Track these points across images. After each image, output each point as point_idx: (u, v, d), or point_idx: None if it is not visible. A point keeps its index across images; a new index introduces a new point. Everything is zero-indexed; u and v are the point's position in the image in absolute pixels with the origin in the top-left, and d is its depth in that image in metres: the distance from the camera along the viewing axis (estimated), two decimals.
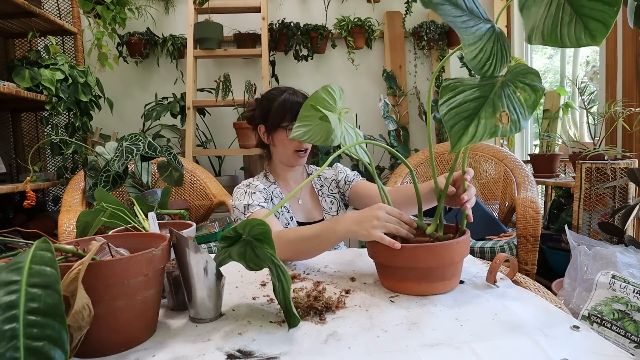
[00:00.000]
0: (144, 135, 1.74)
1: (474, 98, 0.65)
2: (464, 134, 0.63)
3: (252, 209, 1.13)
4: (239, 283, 0.87)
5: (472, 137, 0.63)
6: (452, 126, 0.64)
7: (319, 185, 1.34)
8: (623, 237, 1.55)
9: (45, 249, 0.49)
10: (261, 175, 1.31)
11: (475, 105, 0.65)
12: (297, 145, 1.21)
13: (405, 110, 3.03)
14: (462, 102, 0.65)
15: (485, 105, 0.64)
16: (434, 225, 0.82)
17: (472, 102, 0.65)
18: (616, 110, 1.80)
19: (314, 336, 0.62)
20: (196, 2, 2.64)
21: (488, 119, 0.63)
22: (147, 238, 0.73)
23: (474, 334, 0.60)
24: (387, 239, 0.76)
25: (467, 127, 0.63)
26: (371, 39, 2.98)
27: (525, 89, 0.65)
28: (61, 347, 0.43)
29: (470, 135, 0.63)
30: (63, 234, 1.56)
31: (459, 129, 0.64)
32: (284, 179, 1.30)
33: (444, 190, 0.82)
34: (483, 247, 1.73)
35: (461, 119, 0.64)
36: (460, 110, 0.65)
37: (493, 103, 0.64)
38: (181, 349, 0.59)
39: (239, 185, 1.23)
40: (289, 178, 1.30)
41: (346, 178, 1.34)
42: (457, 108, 0.65)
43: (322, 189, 1.33)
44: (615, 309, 1.26)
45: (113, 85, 2.93)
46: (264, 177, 1.30)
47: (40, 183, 2.01)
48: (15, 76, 1.89)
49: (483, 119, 0.63)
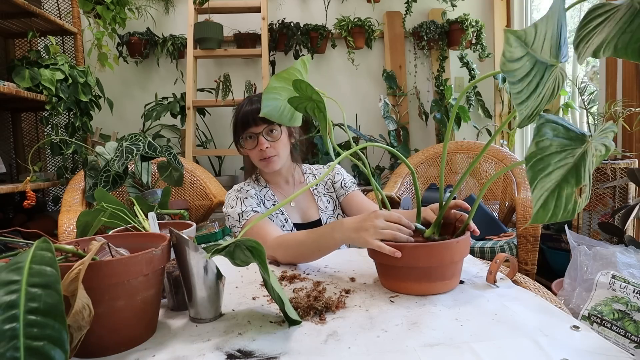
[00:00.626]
0: (144, 135, 1.74)
1: (560, 166, 0.53)
2: (542, 209, 0.54)
3: (247, 215, 1.13)
4: (239, 283, 0.87)
5: (551, 214, 0.53)
6: (537, 198, 0.54)
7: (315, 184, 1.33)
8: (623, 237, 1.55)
9: (46, 249, 0.49)
10: (252, 179, 1.29)
11: (560, 173, 0.53)
12: (258, 154, 1.18)
13: (405, 110, 3.03)
14: (551, 169, 0.53)
15: (568, 174, 0.53)
16: (432, 228, 0.82)
17: (559, 169, 0.53)
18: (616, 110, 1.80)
19: (314, 336, 0.62)
20: (196, 2, 2.64)
21: (568, 194, 0.53)
22: (147, 238, 0.73)
23: (474, 334, 0.60)
24: (387, 248, 0.75)
25: (546, 202, 0.53)
26: (371, 39, 2.98)
27: (601, 150, 0.55)
28: (61, 347, 0.43)
29: (549, 211, 0.53)
30: (63, 234, 1.56)
31: (538, 203, 0.54)
32: (273, 182, 1.29)
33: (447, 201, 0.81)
34: (483, 247, 1.73)
35: (544, 190, 0.54)
36: (547, 180, 0.53)
37: (576, 172, 0.53)
38: (181, 349, 0.59)
39: (230, 191, 1.23)
40: (278, 180, 1.29)
41: (342, 182, 1.33)
42: (545, 177, 0.54)
43: (317, 187, 1.32)
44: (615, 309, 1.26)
45: (113, 85, 2.93)
46: (255, 181, 1.28)
47: (40, 183, 2.01)
48: (15, 76, 1.89)
49: (564, 191, 0.53)
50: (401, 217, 0.81)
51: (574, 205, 0.53)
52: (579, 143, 0.55)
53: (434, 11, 3.03)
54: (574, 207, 0.53)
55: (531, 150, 0.54)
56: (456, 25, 2.87)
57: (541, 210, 0.54)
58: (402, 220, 0.81)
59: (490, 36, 3.06)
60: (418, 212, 0.85)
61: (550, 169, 0.53)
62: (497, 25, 3.05)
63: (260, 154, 1.18)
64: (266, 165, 1.20)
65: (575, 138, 0.55)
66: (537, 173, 0.53)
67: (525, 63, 0.50)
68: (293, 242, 0.98)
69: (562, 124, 0.55)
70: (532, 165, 0.53)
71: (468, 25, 2.83)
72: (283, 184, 1.29)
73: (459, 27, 2.85)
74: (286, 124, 0.85)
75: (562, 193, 0.54)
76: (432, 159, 2.24)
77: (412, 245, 0.75)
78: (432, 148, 2.29)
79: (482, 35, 2.91)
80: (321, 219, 1.27)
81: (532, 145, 0.54)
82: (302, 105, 0.80)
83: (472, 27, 2.85)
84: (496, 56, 3.03)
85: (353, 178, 1.37)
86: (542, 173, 0.53)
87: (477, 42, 2.91)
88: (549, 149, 0.54)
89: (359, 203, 1.30)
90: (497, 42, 3.05)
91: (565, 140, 0.54)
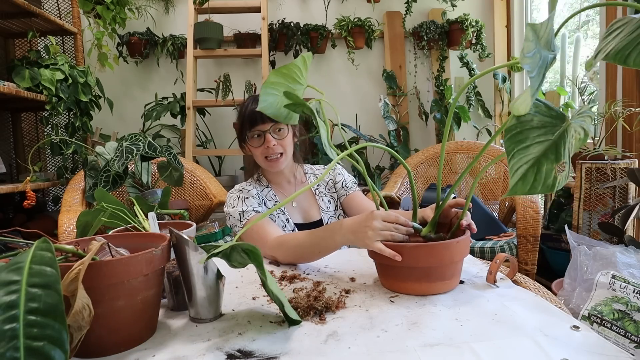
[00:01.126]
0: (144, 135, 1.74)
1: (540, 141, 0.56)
2: (522, 181, 0.56)
3: (248, 215, 1.13)
4: (239, 283, 0.88)
5: (530, 186, 0.55)
6: (515, 170, 0.56)
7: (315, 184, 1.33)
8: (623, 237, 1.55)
9: (46, 249, 0.49)
10: (254, 178, 1.29)
11: (539, 149, 0.56)
12: (264, 152, 1.18)
13: (405, 110, 3.03)
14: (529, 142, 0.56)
15: (548, 150, 0.55)
16: (429, 227, 0.82)
17: (538, 145, 0.56)
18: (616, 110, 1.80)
19: (314, 336, 0.62)
20: (196, 2, 2.64)
21: (548, 169, 0.55)
22: (147, 238, 0.73)
23: (474, 334, 0.60)
24: (388, 251, 0.75)
25: (526, 174, 0.56)
26: (371, 39, 2.98)
27: (580, 133, 0.57)
28: (61, 347, 0.43)
29: (529, 183, 0.55)
30: (63, 234, 1.56)
31: (517, 174, 0.56)
32: (275, 182, 1.29)
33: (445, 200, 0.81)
34: (483, 247, 1.73)
35: (523, 162, 0.56)
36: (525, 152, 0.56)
37: (556, 149, 0.56)
38: (181, 349, 0.59)
39: (231, 191, 1.22)
40: (281, 180, 1.29)
41: (344, 182, 1.33)
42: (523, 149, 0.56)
43: (319, 188, 1.32)
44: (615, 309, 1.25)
45: (113, 85, 2.93)
46: (257, 181, 1.28)
47: (40, 183, 2.01)
48: (15, 76, 1.89)
49: (544, 167, 0.55)
50: (399, 216, 0.81)
51: (553, 180, 0.55)
52: (559, 121, 0.57)
53: (434, 11, 3.03)
54: (553, 182, 0.55)
55: (512, 122, 0.56)
56: (456, 25, 2.87)
57: (520, 182, 0.56)
58: (400, 219, 0.81)
59: (490, 36, 3.05)
60: (414, 211, 0.85)
61: (528, 142, 0.56)
62: (497, 25, 3.05)
63: (266, 151, 1.18)
64: (271, 165, 1.20)
65: (556, 117, 0.58)
66: (515, 144, 0.56)
67: (536, 55, 0.53)
68: (293, 243, 0.99)
69: (544, 102, 0.58)
70: (511, 137, 0.56)
71: (468, 25, 2.83)
72: (285, 184, 1.29)
73: (459, 27, 2.85)
74: (283, 121, 0.84)
75: (541, 168, 0.56)
76: (432, 159, 2.24)
77: (412, 246, 0.75)
78: (432, 148, 2.29)
79: (482, 35, 2.91)
80: (322, 219, 1.27)
81: (512, 118, 0.56)
82: (299, 109, 0.80)
83: (472, 27, 2.85)
84: (496, 56, 3.03)
85: (354, 178, 1.37)
86: (520, 144, 0.56)
87: (477, 42, 2.91)
88: (529, 124, 0.57)
89: (359, 203, 1.30)
90: (497, 42, 3.05)
91: (547, 118, 0.57)
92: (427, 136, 3.13)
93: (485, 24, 2.94)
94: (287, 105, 0.79)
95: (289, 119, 0.85)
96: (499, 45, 3.03)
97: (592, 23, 2.64)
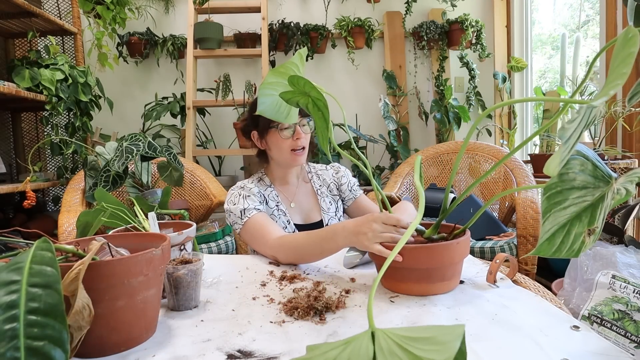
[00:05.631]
0: (144, 135, 1.74)
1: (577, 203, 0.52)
2: (548, 242, 0.52)
3: (249, 213, 1.12)
4: (239, 283, 0.87)
5: (555, 249, 0.52)
6: (547, 230, 0.52)
7: (317, 184, 1.32)
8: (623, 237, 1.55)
9: (46, 249, 0.49)
10: (255, 178, 1.28)
11: (574, 211, 0.51)
12: (292, 144, 1.18)
13: (405, 110, 3.03)
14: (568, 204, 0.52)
15: (583, 213, 0.51)
16: (432, 229, 0.82)
17: (574, 206, 0.52)
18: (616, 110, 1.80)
19: (314, 336, 0.62)
20: (196, 2, 2.63)
21: (578, 233, 0.51)
22: (147, 238, 0.73)
23: (474, 334, 0.60)
24: (386, 252, 0.76)
25: (554, 235, 0.52)
26: (371, 39, 2.98)
27: (622, 193, 0.53)
28: (61, 347, 0.43)
29: (554, 245, 0.52)
30: (63, 234, 1.56)
31: (546, 234, 0.52)
32: (282, 181, 1.28)
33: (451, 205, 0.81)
34: (483, 247, 1.73)
35: (555, 224, 0.52)
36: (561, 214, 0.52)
37: (592, 212, 0.52)
38: (181, 349, 0.59)
39: (232, 188, 1.21)
40: (287, 177, 1.28)
41: (349, 184, 1.34)
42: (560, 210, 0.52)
43: (321, 188, 1.32)
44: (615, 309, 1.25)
45: (113, 85, 2.93)
46: (259, 181, 1.27)
47: (40, 183, 2.01)
48: (15, 76, 1.89)
49: (575, 229, 0.51)
50: (400, 219, 0.81)
51: (580, 245, 0.51)
52: (602, 184, 0.53)
53: (434, 11, 3.03)
54: (579, 247, 0.52)
55: (552, 181, 0.51)
56: (456, 25, 2.87)
57: (546, 243, 0.52)
58: (401, 222, 0.81)
59: (490, 36, 3.05)
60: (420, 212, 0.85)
61: (566, 204, 0.52)
62: (497, 25, 3.05)
63: (295, 144, 1.18)
64: (296, 158, 1.20)
65: (601, 178, 0.53)
66: (553, 205, 0.52)
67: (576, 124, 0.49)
68: (295, 244, 0.99)
69: (592, 160, 0.53)
70: (550, 196, 0.52)
71: (468, 25, 2.83)
72: (289, 184, 1.29)
73: (459, 27, 2.85)
74: (282, 121, 0.84)
75: (571, 230, 0.52)
76: (432, 159, 2.24)
77: (413, 247, 0.75)
78: (432, 148, 2.29)
79: (482, 35, 2.91)
80: (323, 220, 1.27)
81: (555, 176, 0.51)
82: (295, 100, 0.77)
83: (472, 27, 2.85)
84: (496, 56, 3.03)
85: (356, 180, 1.37)
86: (557, 206, 0.52)
87: (477, 42, 2.91)
88: (570, 183, 0.52)
89: (365, 207, 1.33)
90: (497, 42, 3.05)
91: (590, 178, 0.52)
92: (427, 136, 3.13)
93: (485, 24, 2.94)
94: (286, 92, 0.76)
95: (289, 118, 0.85)
96: (499, 45, 3.03)
97: (592, 23, 2.64)
